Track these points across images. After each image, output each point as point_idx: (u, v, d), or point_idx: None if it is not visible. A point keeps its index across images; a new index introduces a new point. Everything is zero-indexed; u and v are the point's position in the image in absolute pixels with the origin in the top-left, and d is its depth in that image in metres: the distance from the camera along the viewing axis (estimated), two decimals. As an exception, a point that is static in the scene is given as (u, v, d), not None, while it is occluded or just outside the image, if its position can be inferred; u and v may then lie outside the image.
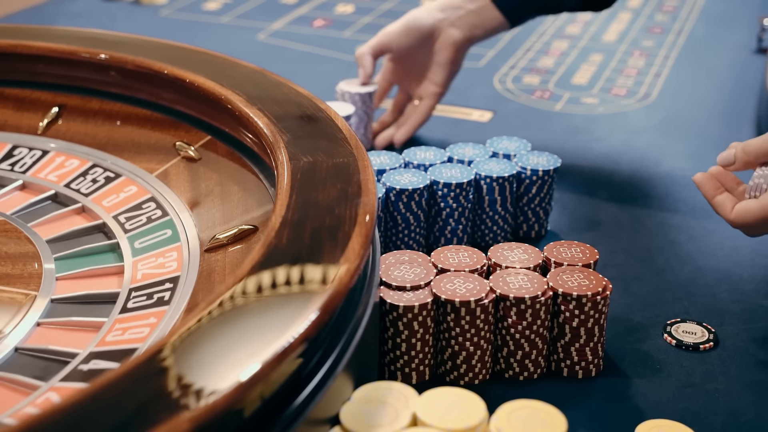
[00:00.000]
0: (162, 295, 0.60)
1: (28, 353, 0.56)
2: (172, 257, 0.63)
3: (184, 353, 0.43)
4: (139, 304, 0.60)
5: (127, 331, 0.57)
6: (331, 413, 0.50)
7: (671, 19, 1.36)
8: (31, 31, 0.85)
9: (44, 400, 0.52)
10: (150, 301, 0.60)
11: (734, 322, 0.68)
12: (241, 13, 1.37)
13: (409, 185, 0.72)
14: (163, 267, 0.63)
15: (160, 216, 0.68)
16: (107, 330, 0.57)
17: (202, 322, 0.45)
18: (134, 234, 0.66)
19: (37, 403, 0.51)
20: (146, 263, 0.64)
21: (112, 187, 0.72)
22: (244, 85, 0.72)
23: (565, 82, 1.12)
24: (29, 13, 1.37)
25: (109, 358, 0.55)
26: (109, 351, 0.56)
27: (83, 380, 0.53)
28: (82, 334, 0.58)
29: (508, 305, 0.60)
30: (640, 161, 0.93)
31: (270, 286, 0.48)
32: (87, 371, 0.54)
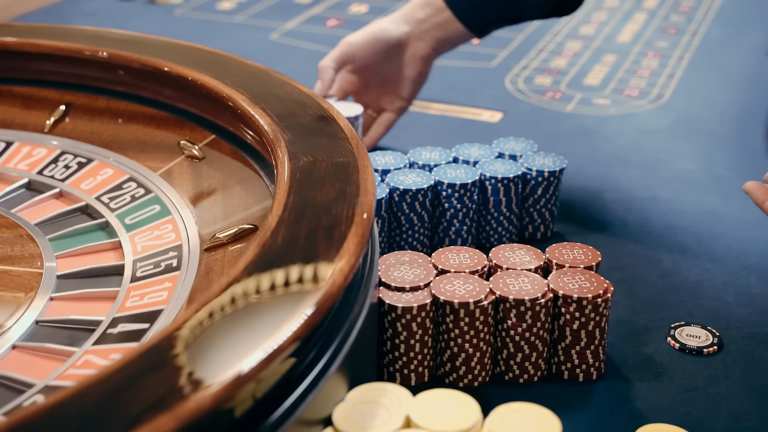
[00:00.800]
0: (170, 263, 0.62)
1: (50, 325, 0.58)
2: (168, 229, 0.64)
3: (173, 352, 0.43)
4: (149, 272, 0.62)
5: (146, 296, 0.60)
6: (324, 414, 0.49)
7: (687, 20, 1.35)
8: (39, 30, 0.85)
9: (84, 362, 0.54)
10: (159, 268, 0.62)
11: (740, 326, 0.67)
12: (255, 13, 1.38)
13: (413, 185, 0.72)
14: (161, 238, 0.65)
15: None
16: (124, 297, 0.60)
17: (193, 322, 0.45)
18: (131, 221, 0.67)
19: (78, 365, 0.53)
20: (143, 236, 0.66)
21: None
22: (248, 84, 0.72)
23: (577, 83, 1.12)
24: (46, 11, 1.38)
25: (136, 320, 0.57)
26: (133, 314, 0.58)
27: (118, 342, 0.55)
28: (98, 303, 0.60)
29: (507, 307, 0.59)
30: (650, 162, 0.92)
31: (263, 285, 0.48)
32: (117, 333, 0.56)
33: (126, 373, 0.41)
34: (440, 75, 1.14)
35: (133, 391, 0.40)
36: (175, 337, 0.43)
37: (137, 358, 0.42)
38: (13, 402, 0.51)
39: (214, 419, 0.42)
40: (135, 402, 0.40)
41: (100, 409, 0.39)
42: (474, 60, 1.19)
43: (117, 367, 0.41)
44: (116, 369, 0.41)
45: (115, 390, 0.40)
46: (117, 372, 0.41)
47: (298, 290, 0.47)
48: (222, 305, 0.46)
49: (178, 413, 0.39)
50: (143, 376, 0.41)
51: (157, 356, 0.42)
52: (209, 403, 0.40)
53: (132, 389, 0.40)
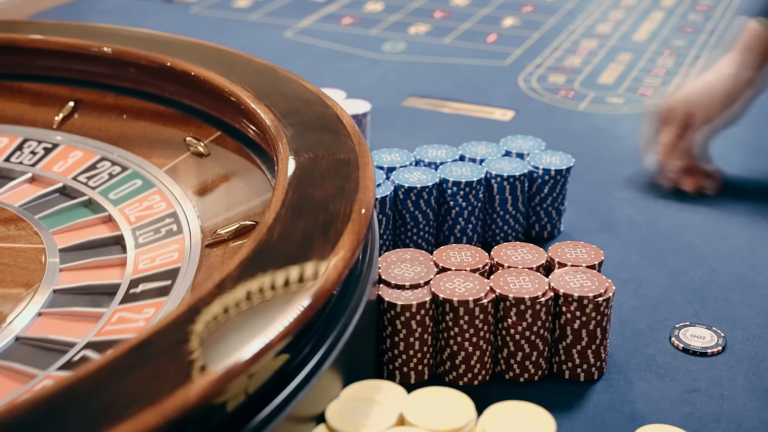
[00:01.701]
0: (170, 228, 0.65)
1: (70, 292, 0.61)
2: (156, 199, 0.65)
3: (162, 348, 0.43)
4: (152, 238, 0.65)
5: (156, 258, 0.63)
6: (318, 411, 0.49)
7: (704, 19, 1.33)
8: (50, 27, 0.86)
9: (118, 318, 0.57)
10: (160, 234, 0.65)
11: (746, 326, 0.66)
12: (271, 11, 1.38)
13: (418, 183, 0.72)
14: (152, 208, 0.67)
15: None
16: (134, 262, 0.63)
17: (184, 317, 0.45)
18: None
19: (113, 323, 0.57)
20: (133, 208, 0.69)
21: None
22: (254, 80, 0.72)
23: (591, 82, 1.11)
24: (61, 9, 1.39)
25: (156, 279, 0.60)
26: (151, 275, 0.61)
27: (146, 299, 0.59)
28: (110, 270, 0.63)
29: (507, 306, 0.59)
30: (662, 162, 0.91)
31: (256, 281, 0.48)
32: (141, 292, 0.60)
33: (114, 368, 0.41)
34: (454, 73, 1.14)
35: (119, 386, 0.40)
36: (164, 332, 0.43)
37: (125, 354, 0.42)
38: (60, 360, 0.53)
39: (201, 414, 0.42)
40: (121, 397, 0.40)
41: (87, 403, 0.39)
42: (488, 58, 1.18)
43: (104, 362, 0.41)
44: (104, 364, 0.41)
45: (102, 385, 0.40)
46: (104, 367, 0.41)
47: (292, 286, 0.47)
48: (214, 301, 0.46)
49: (163, 408, 0.39)
50: (131, 371, 0.41)
51: (146, 351, 0.42)
52: (195, 399, 0.40)
53: (119, 384, 0.40)
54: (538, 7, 1.39)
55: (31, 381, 0.52)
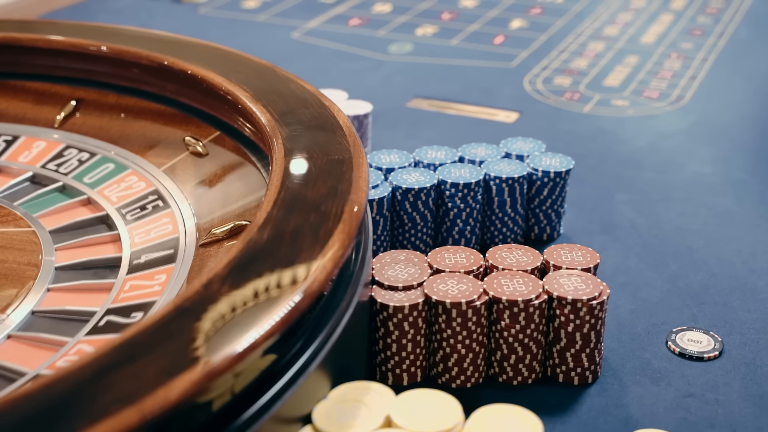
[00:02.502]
0: (156, 204, 0.68)
1: (72, 269, 0.63)
2: (135, 181, 0.65)
3: (147, 345, 0.43)
4: (139, 214, 0.68)
5: (151, 231, 0.66)
6: (305, 412, 0.49)
7: (714, 22, 1.33)
8: (53, 26, 0.86)
9: (130, 286, 0.61)
10: (147, 210, 0.68)
11: (744, 331, 0.66)
12: (279, 12, 1.38)
13: (416, 184, 0.72)
14: (131, 188, 0.70)
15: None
16: (128, 236, 0.65)
17: (170, 315, 0.45)
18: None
19: (126, 288, 0.60)
20: (112, 189, 0.71)
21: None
22: (252, 80, 0.72)
23: (597, 84, 1.10)
24: (72, 9, 1.39)
25: (156, 249, 0.63)
26: (148, 246, 0.64)
27: (148, 267, 0.62)
28: (103, 247, 0.65)
29: (501, 308, 0.59)
30: (665, 164, 0.91)
31: (243, 281, 0.47)
32: (145, 263, 0.62)
33: (95, 367, 0.41)
34: (459, 75, 1.13)
35: (100, 385, 0.40)
36: (148, 331, 0.43)
37: (108, 353, 0.42)
38: (86, 327, 0.56)
39: (183, 413, 0.42)
40: (102, 395, 0.39)
41: (67, 401, 0.39)
42: (494, 60, 1.18)
43: (86, 361, 0.41)
44: (85, 363, 0.41)
45: (83, 383, 0.40)
46: (86, 366, 0.41)
47: (279, 286, 0.47)
48: (200, 301, 0.46)
49: (143, 407, 0.39)
50: (113, 369, 0.41)
51: (129, 350, 0.42)
52: (176, 398, 0.40)
53: (100, 383, 0.40)
54: (547, 9, 1.39)
55: (63, 348, 0.55)
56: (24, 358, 0.55)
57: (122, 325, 0.57)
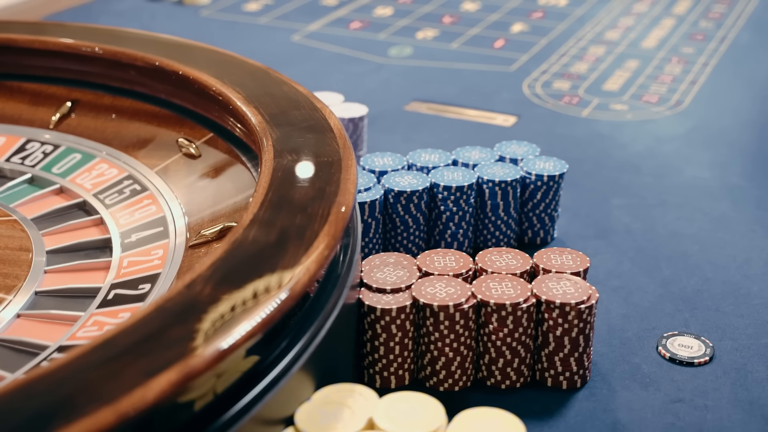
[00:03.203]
0: (133, 187, 0.71)
1: (62, 252, 0.65)
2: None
3: (126, 345, 0.43)
4: (117, 199, 0.70)
5: (135, 212, 0.68)
6: (287, 413, 0.49)
7: (716, 26, 1.32)
8: (49, 28, 0.86)
9: (129, 262, 0.63)
10: (124, 195, 0.70)
11: (736, 337, 0.65)
12: (281, 15, 1.38)
13: (408, 187, 0.71)
14: (104, 174, 0.72)
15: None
16: (111, 220, 0.67)
17: (151, 315, 0.45)
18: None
19: (126, 264, 0.63)
20: (84, 177, 0.73)
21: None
22: (245, 82, 0.72)
23: (596, 88, 1.10)
24: (75, 11, 1.40)
25: (144, 228, 0.66)
26: (136, 226, 0.66)
27: (139, 246, 0.65)
28: (90, 229, 0.68)
29: (489, 311, 0.58)
30: (662, 169, 0.90)
31: (227, 283, 0.47)
32: (135, 241, 0.65)
33: (74, 366, 0.41)
34: (458, 78, 1.13)
35: (78, 384, 0.40)
36: (128, 331, 0.43)
37: (87, 352, 0.42)
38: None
39: (161, 414, 0.42)
40: (79, 395, 0.39)
41: (44, 400, 0.39)
42: (494, 64, 1.18)
43: (66, 360, 0.41)
44: (65, 362, 0.41)
45: (61, 382, 0.40)
46: (66, 365, 0.41)
47: (262, 288, 0.47)
48: (182, 301, 0.46)
49: (119, 407, 0.39)
50: (92, 369, 0.41)
51: (109, 350, 0.42)
52: (153, 398, 0.40)
53: (78, 382, 0.40)
54: (548, 13, 1.39)
55: (77, 321, 0.57)
56: (40, 333, 0.56)
57: (131, 297, 0.59)
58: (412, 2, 1.43)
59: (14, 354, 0.55)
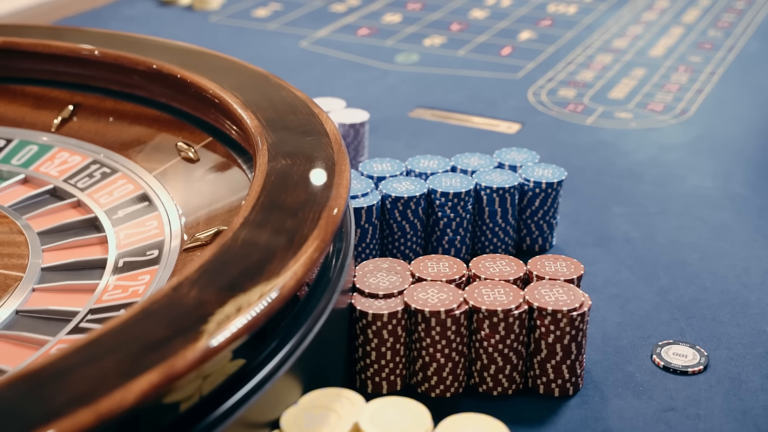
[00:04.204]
0: (104, 170, 0.73)
1: (49, 232, 0.67)
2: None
3: (110, 347, 0.43)
4: (90, 182, 0.73)
5: (114, 192, 0.71)
6: (274, 417, 0.49)
7: (724, 35, 1.32)
8: (54, 32, 0.87)
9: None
10: (95, 177, 0.73)
11: (731, 346, 0.65)
12: (289, 21, 1.38)
13: (405, 193, 0.71)
14: (66, 162, 0.74)
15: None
16: (95, 202, 0.70)
17: (136, 317, 0.45)
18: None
19: None
20: (47, 165, 0.76)
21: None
22: (244, 87, 0.72)
23: (602, 96, 1.10)
24: (85, 16, 1.40)
25: (133, 203, 0.69)
26: (122, 202, 0.70)
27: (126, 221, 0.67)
28: (72, 210, 0.71)
29: (481, 317, 0.58)
30: (665, 177, 0.90)
31: (213, 286, 0.47)
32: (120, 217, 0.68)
33: (58, 367, 0.41)
34: (464, 85, 1.13)
35: (59, 385, 0.40)
36: (112, 333, 0.44)
37: (70, 353, 0.42)
38: None
39: (143, 415, 0.42)
40: (59, 395, 0.40)
41: (25, 400, 0.39)
42: (500, 71, 1.18)
43: (50, 360, 0.42)
44: (49, 363, 0.42)
45: (44, 383, 0.40)
46: (49, 366, 0.41)
47: (247, 291, 0.47)
48: (167, 303, 0.46)
49: (99, 408, 0.39)
50: (75, 370, 0.41)
51: (91, 351, 0.42)
52: (133, 400, 0.40)
53: (60, 383, 0.40)
54: (557, 21, 1.38)
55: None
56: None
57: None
58: (421, 9, 1.44)
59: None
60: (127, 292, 0.61)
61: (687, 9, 1.44)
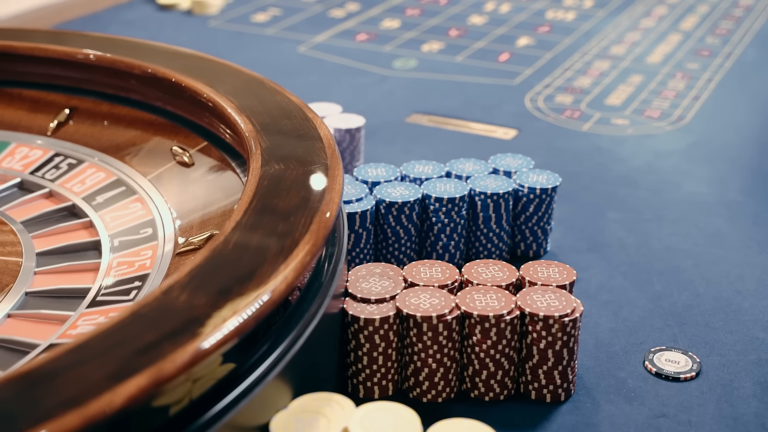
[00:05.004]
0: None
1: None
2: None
3: (98, 350, 0.43)
4: (55, 174, 0.74)
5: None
6: (263, 421, 0.49)
7: (722, 42, 1.32)
8: (51, 35, 0.87)
9: None
10: (60, 171, 0.74)
11: (724, 352, 0.65)
12: (288, 26, 1.39)
13: (400, 198, 0.72)
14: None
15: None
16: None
17: (125, 321, 0.45)
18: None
19: None
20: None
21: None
22: (239, 92, 0.72)
23: (599, 103, 1.10)
24: (85, 20, 1.41)
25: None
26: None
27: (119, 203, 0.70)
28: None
29: (472, 323, 0.58)
30: (660, 184, 0.90)
31: (203, 290, 0.48)
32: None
33: (46, 370, 0.41)
34: (461, 91, 1.13)
35: (48, 388, 0.40)
36: (102, 335, 0.44)
37: (60, 356, 0.42)
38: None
39: (131, 418, 0.42)
40: (47, 398, 0.40)
41: (12, 403, 0.40)
42: (497, 77, 1.18)
43: (38, 363, 0.42)
44: (37, 366, 0.42)
45: (32, 385, 0.41)
46: (38, 368, 0.41)
47: (238, 296, 0.47)
48: (157, 307, 0.46)
49: (86, 411, 0.39)
50: (63, 372, 0.41)
51: (81, 354, 0.42)
52: (121, 403, 0.40)
53: (48, 386, 0.40)
54: (555, 28, 1.39)
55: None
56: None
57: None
58: (420, 15, 1.44)
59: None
60: (133, 267, 0.62)
61: (685, 16, 1.44)
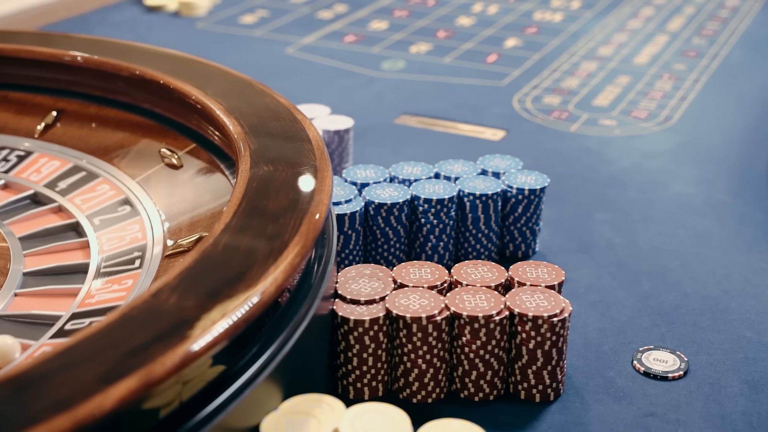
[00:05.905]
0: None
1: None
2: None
3: (88, 353, 0.43)
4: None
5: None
6: (254, 422, 0.49)
7: (708, 43, 1.33)
8: (38, 37, 0.87)
9: None
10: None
11: (711, 352, 0.65)
12: (276, 27, 1.39)
13: (389, 199, 0.72)
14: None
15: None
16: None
17: (115, 323, 0.45)
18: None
19: None
20: None
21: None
22: (228, 93, 0.72)
23: (586, 104, 1.10)
24: (71, 22, 1.40)
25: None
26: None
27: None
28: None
29: (462, 323, 0.59)
30: (648, 184, 0.90)
31: (193, 292, 0.48)
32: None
33: (36, 373, 0.41)
34: (449, 92, 1.14)
35: (38, 391, 0.40)
36: (91, 338, 0.44)
37: (49, 359, 0.42)
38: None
39: (121, 421, 0.42)
40: (37, 401, 0.40)
41: (1, 406, 0.39)
42: (485, 78, 1.18)
43: (29, 366, 0.42)
44: (28, 369, 0.42)
45: (22, 388, 0.40)
46: (28, 372, 0.41)
47: (227, 298, 0.47)
48: (147, 309, 0.46)
49: (76, 414, 0.39)
50: (53, 375, 0.41)
51: (70, 356, 0.42)
52: (111, 406, 0.40)
53: (38, 389, 0.40)
54: (543, 29, 1.39)
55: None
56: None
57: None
58: (408, 16, 1.44)
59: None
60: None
61: (672, 17, 1.45)
